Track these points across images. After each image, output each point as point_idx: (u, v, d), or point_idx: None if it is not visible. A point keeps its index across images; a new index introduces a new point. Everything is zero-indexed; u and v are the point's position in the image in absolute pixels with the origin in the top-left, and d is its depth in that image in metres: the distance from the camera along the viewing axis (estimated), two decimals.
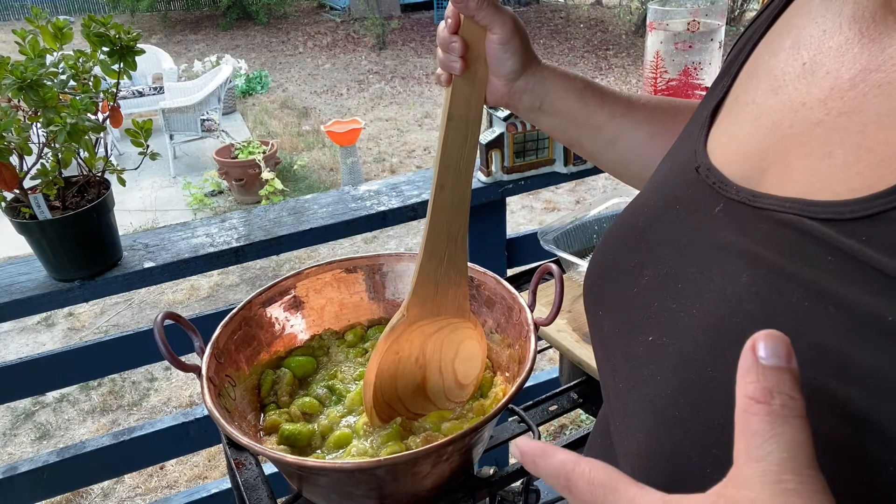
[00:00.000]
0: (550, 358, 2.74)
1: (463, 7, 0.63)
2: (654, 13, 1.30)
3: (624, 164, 0.74)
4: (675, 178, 0.52)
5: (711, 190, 0.47)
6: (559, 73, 0.70)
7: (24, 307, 1.09)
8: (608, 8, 11.73)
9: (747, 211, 0.43)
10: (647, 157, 0.70)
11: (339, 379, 0.84)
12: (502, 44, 0.65)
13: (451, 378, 0.78)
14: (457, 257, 0.71)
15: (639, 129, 0.70)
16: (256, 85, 8.18)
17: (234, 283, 4.12)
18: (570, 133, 0.73)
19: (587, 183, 5.15)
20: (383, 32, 10.11)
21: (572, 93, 0.69)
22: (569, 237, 1.14)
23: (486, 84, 0.68)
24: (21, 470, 1.28)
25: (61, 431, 2.96)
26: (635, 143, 0.70)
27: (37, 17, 0.99)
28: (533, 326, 0.75)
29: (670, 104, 0.72)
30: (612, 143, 0.71)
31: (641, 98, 0.72)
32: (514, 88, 0.69)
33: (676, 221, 0.49)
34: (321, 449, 0.75)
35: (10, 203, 1.06)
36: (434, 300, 0.73)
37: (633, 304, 0.50)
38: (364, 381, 0.74)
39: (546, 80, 0.69)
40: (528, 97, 0.70)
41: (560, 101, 0.70)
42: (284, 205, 1.34)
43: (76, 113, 0.98)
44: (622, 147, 0.71)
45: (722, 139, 0.50)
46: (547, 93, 0.69)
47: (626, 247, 0.53)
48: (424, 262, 0.70)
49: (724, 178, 0.46)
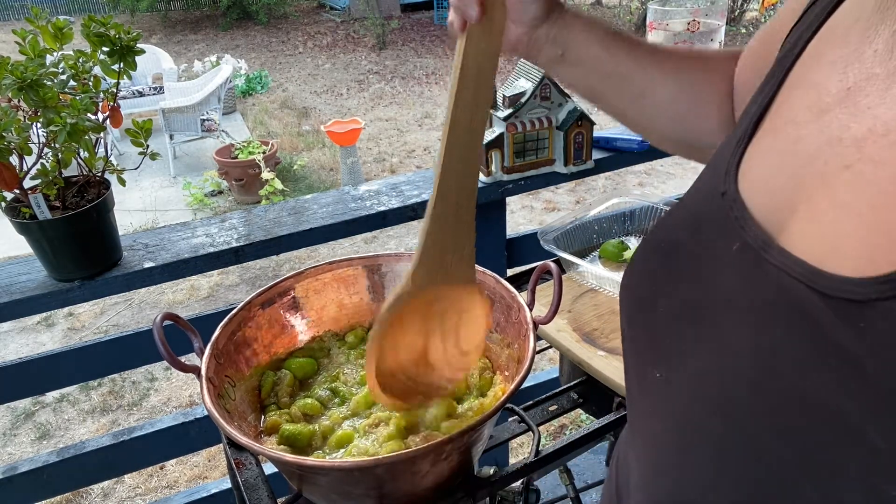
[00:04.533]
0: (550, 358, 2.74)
1: None
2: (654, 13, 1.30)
3: (650, 120, 0.69)
4: (704, 197, 0.50)
5: (733, 225, 0.44)
6: (584, 20, 0.64)
7: (24, 307, 1.09)
8: (608, 8, 11.73)
9: (759, 262, 0.41)
10: (674, 113, 0.66)
11: (341, 381, 0.84)
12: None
13: (453, 345, 0.74)
14: (464, 221, 0.66)
15: (667, 82, 0.65)
16: (256, 85, 8.18)
17: (233, 283, 4.11)
18: (594, 85, 0.67)
19: (587, 183, 5.15)
20: (383, 32, 10.11)
21: (598, 41, 0.64)
22: (569, 237, 1.14)
23: (503, 31, 0.61)
24: (21, 470, 1.28)
25: (61, 431, 2.96)
26: (663, 97, 0.66)
27: (37, 17, 0.99)
28: (532, 325, 0.75)
29: (699, 54, 0.67)
30: (639, 97, 0.66)
31: (669, 48, 0.67)
32: (534, 36, 0.64)
33: (697, 252, 0.47)
34: (321, 449, 0.75)
35: (10, 203, 1.06)
36: (441, 266, 0.67)
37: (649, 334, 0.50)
38: (367, 351, 0.70)
39: (570, 26, 0.63)
40: (549, 46, 0.64)
41: (585, 50, 0.64)
42: (284, 205, 1.34)
43: (76, 113, 0.98)
44: (649, 101, 0.66)
45: (756, 162, 0.46)
46: (571, 41, 0.64)
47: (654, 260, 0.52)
48: (431, 227, 0.64)
49: (747, 213, 0.43)
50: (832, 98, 0.41)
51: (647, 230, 1.18)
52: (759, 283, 0.40)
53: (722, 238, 0.45)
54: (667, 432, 0.45)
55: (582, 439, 0.85)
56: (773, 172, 0.44)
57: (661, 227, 0.54)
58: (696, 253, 0.47)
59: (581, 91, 0.69)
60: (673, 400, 0.45)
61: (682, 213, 0.52)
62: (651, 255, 0.53)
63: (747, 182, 0.45)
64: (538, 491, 0.94)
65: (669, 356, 0.46)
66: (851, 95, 0.39)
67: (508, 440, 0.85)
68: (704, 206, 0.49)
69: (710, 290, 0.44)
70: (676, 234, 0.51)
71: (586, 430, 0.85)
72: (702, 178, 0.53)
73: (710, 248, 0.46)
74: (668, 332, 0.47)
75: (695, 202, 0.51)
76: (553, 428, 2.69)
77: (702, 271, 0.46)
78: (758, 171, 0.45)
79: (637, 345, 0.52)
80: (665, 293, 0.48)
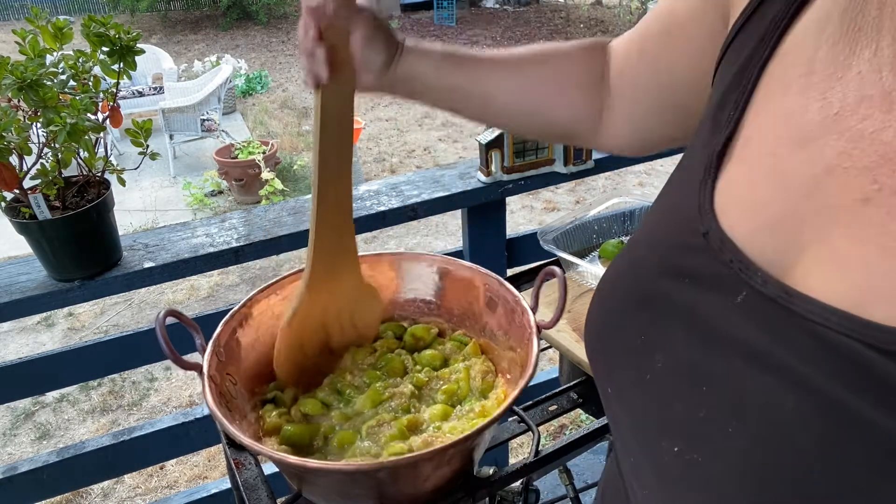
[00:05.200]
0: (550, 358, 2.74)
1: (320, 14, 0.62)
2: None
3: (508, 119, 0.73)
4: (678, 238, 0.45)
5: (729, 270, 0.39)
6: (419, 52, 0.69)
7: (24, 307, 1.09)
8: (608, 8, 11.73)
9: (780, 313, 0.36)
10: (526, 110, 0.70)
11: (346, 382, 0.84)
12: (366, 42, 0.65)
13: (352, 332, 0.86)
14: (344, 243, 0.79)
15: (505, 85, 0.69)
16: (256, 85, 8.17)
17: (233, 283, 4.11)
18: (447, 103, 0.72)
19: (587, 183, 5.15)
20: None
21: (432, 66, 0.69)
22: (569, 237, 1.14)
23: (353, 83, 0.68)
24: (21, 470, 1.28)
25: (61, 431, 2.95)
26: (507, 99, 0.70)
27: (37, 17, 0.99)
28: (536, 329, 0.75)
29: (537, 51, 0.70)
30: (486, 103, 0.71)
31: (505, 53, 0.70)
32: (386, 81, 0.69)
33: (688, 299, 0.42)
34: (323, 450, 0.74)
35: (10, 203, 1.06)
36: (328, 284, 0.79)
37: (650, 396, 0.44)
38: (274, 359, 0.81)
39: (408, 62, 0.68)
40: (400, 85, 0.70)
41: (425, 78, 0.69)
42: (284, 205, 1.34)
43: (76, 113, 0.98)
44: (498, 105, 0.71)
45: (735, 196, 0.42)
46: (413, 76, 0.69)
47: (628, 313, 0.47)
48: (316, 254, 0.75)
49: (744, 256, 0.39)
50: (815, 126, 0.38)
51: None
52: (789, 337, 0.35)
53: (718, 286, 0.40)
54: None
55: (582, 439, 0.85)
56: (762, 208, 0.40)
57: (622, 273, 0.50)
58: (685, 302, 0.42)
59: (443, 109, 0.75)
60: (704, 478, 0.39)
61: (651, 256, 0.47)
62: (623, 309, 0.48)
63: (731, 220, 0.41)
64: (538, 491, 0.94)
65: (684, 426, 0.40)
66: (841, 121, 0.37)
67: (508, 440, 0.85)
68: (681, 249, 0.44)
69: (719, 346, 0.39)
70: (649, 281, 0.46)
71: (586, 430, 0.85)
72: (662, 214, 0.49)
73: (704, 297, 0.41)
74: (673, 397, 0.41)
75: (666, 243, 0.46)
76: (553, 428, 2.69)
77: (698, 324, 0.41)
78: (742, 207, 0.41)
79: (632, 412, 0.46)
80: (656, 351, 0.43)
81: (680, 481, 0.41)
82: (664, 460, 0.42)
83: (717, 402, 0.39)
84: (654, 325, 0.44)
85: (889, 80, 0.35)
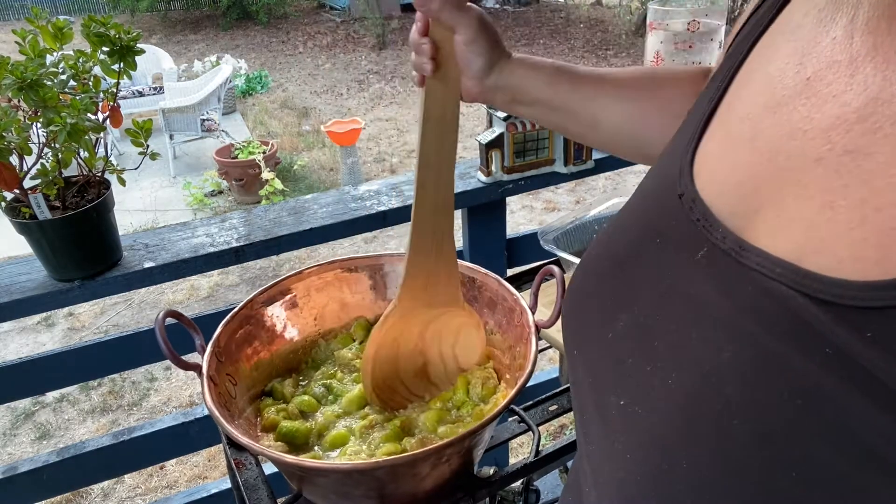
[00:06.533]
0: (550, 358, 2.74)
1: (425, 9, 0.63)
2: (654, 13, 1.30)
3: (613, 143, 0.72)
4: (657, 202, 0.47)
5: (695, 227, 0.41)
6: (528, 65, 0.69)
7: (24, 307, 1.09)
8: (608, 8, 11.73)
9: (733, 266, 0.38)
10: (635, 134, 0.69)
11: (337, 379, 0.84)
12: (468, 44, 0.65)
13: (453, 363, 0.82)
14: (444, 251, 0.74)
15: (614, 109, 0.69)
16: (256, 85, 8.17)
17: (233, 283, 4.11)
18: (551, 120, 0.72)
19: (587, 183, 5.15)
20: (383, 32, 10.11)
21: (542, 82, 0.69)
22: (569, 237, 1.14)
23: (458, 83, 0.68)
24: (21, 470, 1.28)
25: (61, 431, 2.95)
26: (614, 123, 0.69)
27: (37, 17, 0.99)
28: (534, 329, 0.75)
29: (649, 75, 0.70)
30: (592, 125, 0.70)
31: (617, 74, 0.70)
32: (485, 86, 0.69)
33: (656, 259, 0.44)
34: (318, 447, 0.75)
35: (10, 203, 1.06)
36: (425, 290, 0.75)
37: (608, 354, 0.45)
38: (362, 369, 0.77)
39: (515, 72, 0.68)
40: (500, 93, 0.70)
41: (532, 92, 0.69)
42: (284, 205, 1.34)
43: (76, 113, 0.98)
44: (603, 128, 0.70)
45: (711, 159, 0.44)
46: (518, 86, 0.69)
47: (605, 276, 0.49)
48: (412, 257, 0.73)
49: (710, 214, 0.41)
50: (789, 90, 0.39)
51: None
52: (736, 288, 0.37)
53: (683, 243, 0.42)
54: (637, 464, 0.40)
55: None
56: (731, 170, 0.41)
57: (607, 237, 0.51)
58: (653, 262, 0.44)
59: (541, 124, 0.75)
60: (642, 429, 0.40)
61: (631, 220, 0.49)
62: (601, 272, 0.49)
63: (703, 182, 0.43)
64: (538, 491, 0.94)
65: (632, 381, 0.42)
66: (811, 85, 0.38)
67: (508, 440, 0.85)
68: (658, 211, 0.46)
69: (675, 302, 0.41)
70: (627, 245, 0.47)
71: None
72: (649, 181, 0.51)
73: (670, 255, 0.43)
74: (628, 354, 0.43)
75: (645, 207, 0.48)
76: (553, 428, 2.69)
77: (662, 282, 0.42)
78: (714, 169, 0.43)
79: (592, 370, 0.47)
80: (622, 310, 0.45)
81: (621, 435, 0.42)
82: (611, 413, 0.43)
83: (663, 356, 0.40)
84: (624, 286, 0.46)
85: (858, 46, 0.36)
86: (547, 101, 0.70)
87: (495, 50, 0.67)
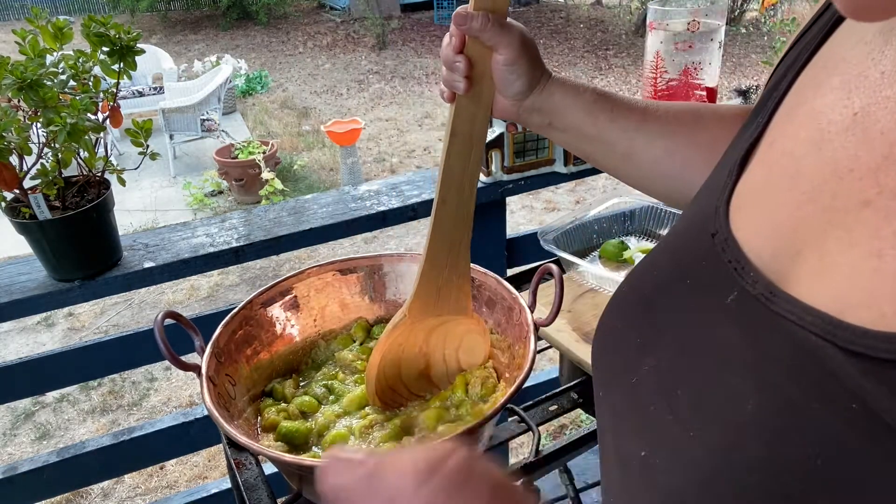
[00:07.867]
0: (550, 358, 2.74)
1: (466, 28, 0.60)
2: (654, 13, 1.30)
3: (643, 179, 0.69)
4: (689, 240, 0.45)
5: (726, 270, 0.39)
6: (568, 87, 0.65)
7: (24, 307, 1.09)
8: (608, 8, 11.73)
9: (762, 313, 0.36)
10: (667, 173, 0.65)
11: (338, 379, 0.84)
12: (508, 65, 0.62)
13: (455, 366, 0.81)
14: (459, 264, 0.73)
15: (653, 145, 0.65)
16: (256, 85, 8.17)
17: (233, 283, 4.11)
18: (583, 148, 0.69)
19: (587, 183, 5.15)
20: (383, 32, 10.11)
21: (581, 108, 0.65)
22: (569, 237, 1.14)
23: (491, 102, 0.66)
24: (21, 470, 1.28)
25: (61, 431, 2.95)
26: (651, 159, 0.65)
27: (37, 17, 0.99)
28: (533, 327, 0.75)
29: (692, 112, 0.66)
30: (627, 158, 0.66)
31: (659, 108, 0.66)
32: (522, 107, 0.66)
33: (684, 302, 0.42)
34: (318, 447, 0.75)
35: (10, 203, 1.06)
36: (436, 302, 0.75)
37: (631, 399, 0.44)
38: (366, 373, 0.77)
39: (554, 95, 0.65)
40: (536, 115, 0.66)
41: (569, 118, 0.66)
42: (284, 205, 1.34)
43: (76, 113, 0.98)
44: (638, 163, 0.66)
45: (748, 198, 0.41)
46: (555, 110, 0.66)
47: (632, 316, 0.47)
48: (426, 269, 0.72)
49: (743, 256, 0.38)
50: (836, 126, 0.36)
51: (647, 230, 1.18)
52: (765, 336, 0.35)
53: (713, 286, 0.40)
54: None
55: (582, 439, 0.85)
56: (769, 210, 0.39)
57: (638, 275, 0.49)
58: (681, 305, 0.42)
59: (573, 151, 0.71)
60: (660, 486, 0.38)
61: (662, 259, 0.47)
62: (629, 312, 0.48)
63: (740, 222, 0.41)
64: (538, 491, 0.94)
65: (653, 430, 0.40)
66: (859, 122, 0.35)
67: (508, 440, 0.85)
68: (691, 250, 0.44)
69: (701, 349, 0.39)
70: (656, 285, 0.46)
71: (586, 430, 0.85)
72: (685, 219, 0.48)
73: (699, 298, 0.41)
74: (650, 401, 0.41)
75: (676, 246, 0.46)
76: (553, 428, 2.69)
77: (689, 327, 0.41)
78: (752, 208, 0.41)
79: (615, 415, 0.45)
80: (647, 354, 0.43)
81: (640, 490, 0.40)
82: (632, 463, 0.41)
83: (686, 405, 0.38)
84: (650, 328, 0.44)
85: None
86: (583, 129, 0.66)
87: (536, 70, 0.64)
